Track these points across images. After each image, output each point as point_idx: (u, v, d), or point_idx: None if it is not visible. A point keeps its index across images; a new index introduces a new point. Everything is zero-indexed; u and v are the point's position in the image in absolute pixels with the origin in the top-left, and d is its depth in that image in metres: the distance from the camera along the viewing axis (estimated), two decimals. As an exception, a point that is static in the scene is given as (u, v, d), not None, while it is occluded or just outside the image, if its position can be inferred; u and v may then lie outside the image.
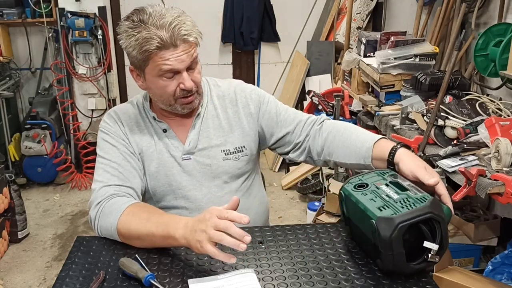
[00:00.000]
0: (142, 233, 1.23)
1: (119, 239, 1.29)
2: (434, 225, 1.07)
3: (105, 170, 1.40)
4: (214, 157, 1.49)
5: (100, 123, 1.51)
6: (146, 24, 1.30)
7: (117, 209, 1.29)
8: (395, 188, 1.16)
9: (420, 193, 1.12)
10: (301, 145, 1.55)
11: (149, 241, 1.24)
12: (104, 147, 1.45)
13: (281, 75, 4.93)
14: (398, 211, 1.06)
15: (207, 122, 1.51)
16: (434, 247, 1.05)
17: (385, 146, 1.34)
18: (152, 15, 1.31)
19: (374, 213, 1.08)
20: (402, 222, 1.03)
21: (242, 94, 1.56)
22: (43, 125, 4.12)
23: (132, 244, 1.28)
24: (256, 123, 1.55)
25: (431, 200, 1.08)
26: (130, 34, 1.32)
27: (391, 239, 1.03)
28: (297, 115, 1.58)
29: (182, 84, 1.36)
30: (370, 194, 1.15)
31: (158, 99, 1.43)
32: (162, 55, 1.31)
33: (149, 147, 1.47)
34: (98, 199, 1.35)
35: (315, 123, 1.55)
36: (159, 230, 1.21)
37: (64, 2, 4.15)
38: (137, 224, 1.24)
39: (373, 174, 1.24)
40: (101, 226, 1.32)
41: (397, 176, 1.22)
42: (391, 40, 2.76)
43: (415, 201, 1.09)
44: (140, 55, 1.33)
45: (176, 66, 1.33)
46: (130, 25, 1.33)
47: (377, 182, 1.20)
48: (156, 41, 1.29)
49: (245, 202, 1.53)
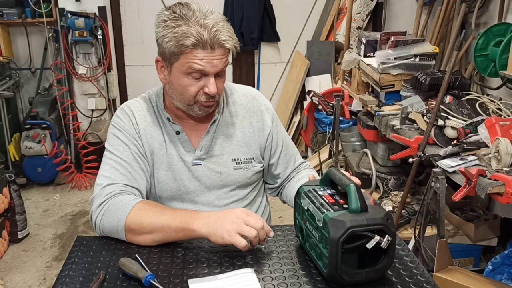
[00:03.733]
0: (157, 226, 1.23)
1: (124, 236, 1.27)
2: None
3: (114, 167, 1.38)
4: (225, 165, 1.47)
5: (112, 118, 1.47)
6: (188, 20, 1.28)
7: (126, 205, 1.28)
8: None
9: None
10: (279, 186, 1.65)
11: (162, 234, 1.24)
12: (114, 144, 1.42)
13: (281, 75, 4.93)
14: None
15: (221, 129, 1.48)
16: (376, 238, 1.03)
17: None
18: (196, 13, 1.30)
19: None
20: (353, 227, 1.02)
21: (259, 108, 1.54)
22: (43, 125, 4.11)
23: (139, 241, 1.26)
24: (263, 140, 1.54)
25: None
26: (169, 25, 1.30)
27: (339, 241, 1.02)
28: (292, 158, 1.62)
29: (207, 88, 1.33)
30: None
31: (177, 97, 1.38)
32: (196, 54, 1.29)
33: (160, 149, 1.44)
34: (103, 196, 1.32)
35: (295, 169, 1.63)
36: (175, 222, 1.22)
37: (64, 2, 4.15)
38: (150, 217, 1.24)
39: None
40: (104, 223, 1.29)
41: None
42: (391, 40, 2.76)
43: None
44: (174, 48, 1.29)
45: (207, 69, 1.31)
46: (171, 16, 1.31)
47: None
48: (195, 38, 1.27)
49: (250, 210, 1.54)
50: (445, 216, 2.24)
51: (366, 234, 1.03)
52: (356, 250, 1.05)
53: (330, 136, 3.63)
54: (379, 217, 1.05)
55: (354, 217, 1.04)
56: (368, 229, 1.03)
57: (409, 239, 2.26)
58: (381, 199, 2.75)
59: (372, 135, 2.89)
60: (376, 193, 2.86)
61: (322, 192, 1.17)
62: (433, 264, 2.04)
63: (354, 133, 3.41)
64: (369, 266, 1.08)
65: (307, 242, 1.17)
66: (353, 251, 1.05)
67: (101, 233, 1.32)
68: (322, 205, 1.10)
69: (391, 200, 2.67)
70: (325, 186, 1.21)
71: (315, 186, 1.21)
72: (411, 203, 2.65)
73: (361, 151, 3.09)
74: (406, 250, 1.25)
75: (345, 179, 1.12)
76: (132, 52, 4.73)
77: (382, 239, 1.03)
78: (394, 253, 1.09)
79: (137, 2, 4.62)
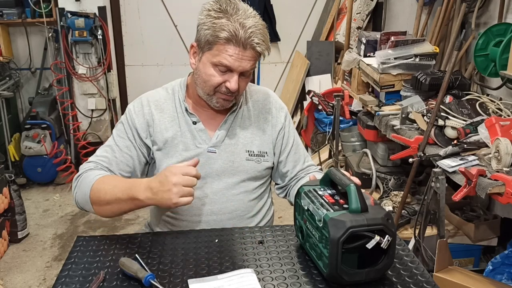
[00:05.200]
0: (111, 199, 1.32)
1: (91, 208, 1.37)
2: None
3: (105, 149, 1.50)
4: (238, 155, 1.52)
5: (128, 105, 1.55)
6: (231, 15, 1.34)
7: (92, 180, 1.37)
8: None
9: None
10: (287, 185, 1.66)
11: (117, 207, 1.33)
12: (119, 128, 1.52)
13: (281, 75, 4.93)
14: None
15: (238, 121, 1.55)
16: (376, 238, 1.03)
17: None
18: (240, 11, 1.35)
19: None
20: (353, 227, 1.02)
21: (274, 105, 1.61)
22: (43, 125, 4.11)
23: (103, 212, 1.37)
24: (275, 135, 1.59)
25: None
26: (211, 15, 1.35)
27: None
28: (301, 157, 1.64)
29: (229, 83, 1.39)
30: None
31: (201, 84, 1.44)
32: (227, 48, 1.34)
33: (174, 137, 1.49)
34: (80, 171, 1.44)
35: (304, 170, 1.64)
36: (124, 195, 1.29)
37: (64, 2, 4.15)
38: (105, 190, 1.33)
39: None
40: (77, 196, 1.41)
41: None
42: (391, 40, 2.76)
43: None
44: (209, 37, 1.35)
45: (234, 65, 1.36)
46: (216, 8, 1.36)
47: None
48: (230, 34, 1.32)
49: (255, 205, 1.57)
50: (445, 216, 2.24)
51: (366, 234, 1.03)
52: (356, 250, 1.05)
53: (330, 136, 3.64)
54: (379, 217, 1.05)
55: (354, 217, 1.04)
56: (368, 229, 1.03)
57: (409, 239, 2.26)
58: (381, 199, 2.75)
59: (372, 135, 2.89)
60: (376, 193, 2.86)
61: (322, 192, 1.18)
62: (433, 264, 2.04)
63: (354, 133, 3.41)
64: (369, 266, 1.07)
65: (307, 242, 1.17)
66: (353, 251, 1.05)
67: (79, 206, 1.42)
68: (322, 205, 1.10)
69: (391, 200, 2.67)
70: (325, 186, 1.21)
71: (315, 186, 1.21)
72: (411, 203, 2.65)
73: (361, 151, 3.09)
74: (406, 250, 1.25)
75: (345, 179, 1.12)
76: (132, 52, 4.73)
77: (382, 239, 1.03)
78: (394, 253, 1.09)
79: (137, 2, 4.62)
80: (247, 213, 1.54)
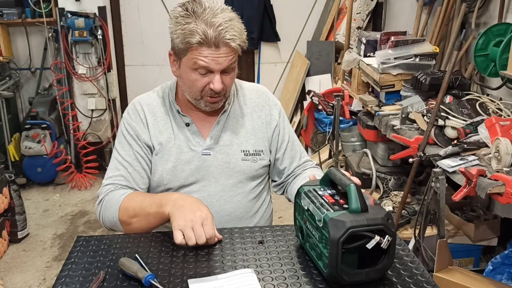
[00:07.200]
0: (140, 213, 1.34)
1: (122, 229, 1.39)
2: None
3: (116, 168, 1.48)
4: (233, 156, 1.51)
5: (123, 113, 1.54)
6: (197, 17, 1.33)
7: (117, 201, 1.39)
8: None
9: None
10: (284, 182, 1.67)
11: (145, 221, 1.34)
12: (121, 142, 1.50)
13: (281, 75, 4.93)
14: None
15: (231, 121, 1.54)
16: (376, 238, 1.03)
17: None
18: (207, 10, 1.34)
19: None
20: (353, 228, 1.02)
21: (268, 102, 1.60)
22: (43, 125, 4.12)
23: (132, 230, 1.37)
24: (270, 132, 1.58)
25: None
26: (179, 22, 1.35)
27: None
28: (297, 153, 1.64)
29: (212, 84, 1.38)
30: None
31: (186, 90, 1.44)
32: (201, 51, 1.34)
33: (169, 141, 1.49)
34: (102, 194, 1.45)
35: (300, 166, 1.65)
36: (153, 207, 1.32)
37: (64, 2, 4.15)
38: (134, 207, 1.35)
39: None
40: (105, 219, 1.43)
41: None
42: (391, 40, 2.76)
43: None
44: (181, 45, 1.35)
45: (212, 66, 1.35)
46: (182, 13, 1.35)
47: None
48: (200, 37, 1.31)
49: (254, 205, 1.56)
50: (445, 216, 2.24)
51: (366, 234, 1.03)
52: (356, 250, 1.05)
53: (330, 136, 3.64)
54: (379, 217, 1.05)
55: (354, 217, 1.04)
56: (368, 229, 1.03)
57: (409, 239, 2.26)
58: (381, 199, 2.75)
59: (372, 135, 2.89)
60: (376, 193, 2.86)
61: (322, 192, 1.17)
62: (433, 264, 2.04)
63: (354, 133, 3.41)
64: (369, 266, 1.07)
65: (307, 242, 1.17)
66: (353, 251, 1.05)
67: (108, 228, 1.45)
68: (322, 205, 1.10)
69: (391, 200, 2.67)
70: (325, 186, 1.21)
71: (315, 186, 1.21)
72: (411, 203, 2.65)
73: (361, 151, 3.09)
74: (406, 250, 1.25)
75: (345, 179, 1.12)
76: (132, 52, 4.73)
77: (382, 239, 1.03)
78: (394, 253, 1.09)
79: (137, 2, 4.62)
80: (246, 214, 1.54)
